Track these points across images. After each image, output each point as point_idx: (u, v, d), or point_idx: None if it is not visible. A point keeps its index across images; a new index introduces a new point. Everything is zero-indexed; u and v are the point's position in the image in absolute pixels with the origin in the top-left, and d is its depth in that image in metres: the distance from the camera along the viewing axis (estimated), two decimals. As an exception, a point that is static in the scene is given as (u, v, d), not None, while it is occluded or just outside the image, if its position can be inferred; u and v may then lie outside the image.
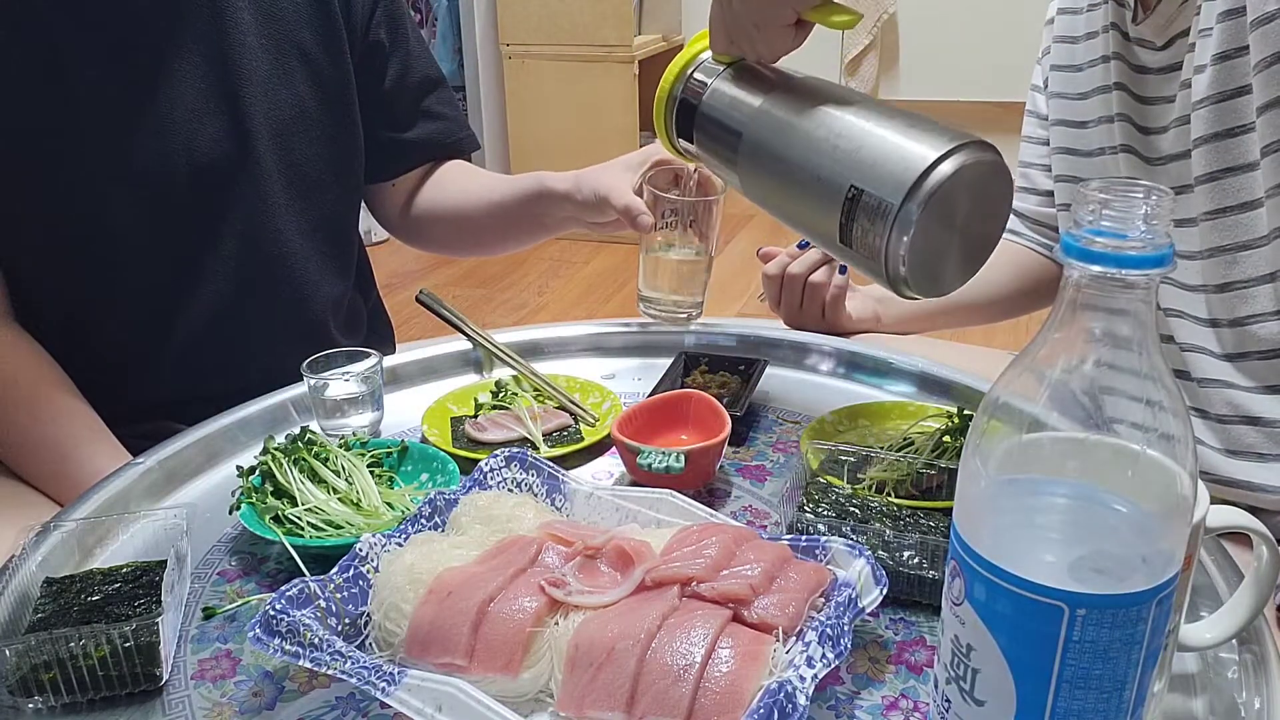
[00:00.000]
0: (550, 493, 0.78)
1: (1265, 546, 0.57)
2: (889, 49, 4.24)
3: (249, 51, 1.04)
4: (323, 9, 1.10)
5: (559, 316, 3.09)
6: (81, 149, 0.97)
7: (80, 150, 0.97)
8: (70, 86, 0.96)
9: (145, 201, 1.01)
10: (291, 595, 0.62)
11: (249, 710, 0.63)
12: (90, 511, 0.81)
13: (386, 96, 1.19)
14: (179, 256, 1.04)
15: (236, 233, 1.06)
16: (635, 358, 1.11)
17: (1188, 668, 0.64)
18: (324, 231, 1.14)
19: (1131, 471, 0.45)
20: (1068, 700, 0.46)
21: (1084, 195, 0.44)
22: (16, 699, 0.63)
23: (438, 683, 0.56)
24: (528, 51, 3.62)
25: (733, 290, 3.30)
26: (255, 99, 1.05)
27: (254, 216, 1.06)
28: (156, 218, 1.02)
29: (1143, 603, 0.45)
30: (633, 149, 1.14)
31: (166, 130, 1.00)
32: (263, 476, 0.80)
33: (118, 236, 1.01)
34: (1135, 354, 0.44)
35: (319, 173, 1.12)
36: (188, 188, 1.02)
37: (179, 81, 1.01)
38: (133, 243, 1.02)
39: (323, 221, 1.14)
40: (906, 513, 0.74)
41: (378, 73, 1.18)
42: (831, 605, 0.62)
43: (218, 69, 1.03)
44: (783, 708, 0.53)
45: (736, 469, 0.89)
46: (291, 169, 1.08)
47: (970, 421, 0.64)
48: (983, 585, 0.47)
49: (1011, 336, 2.90)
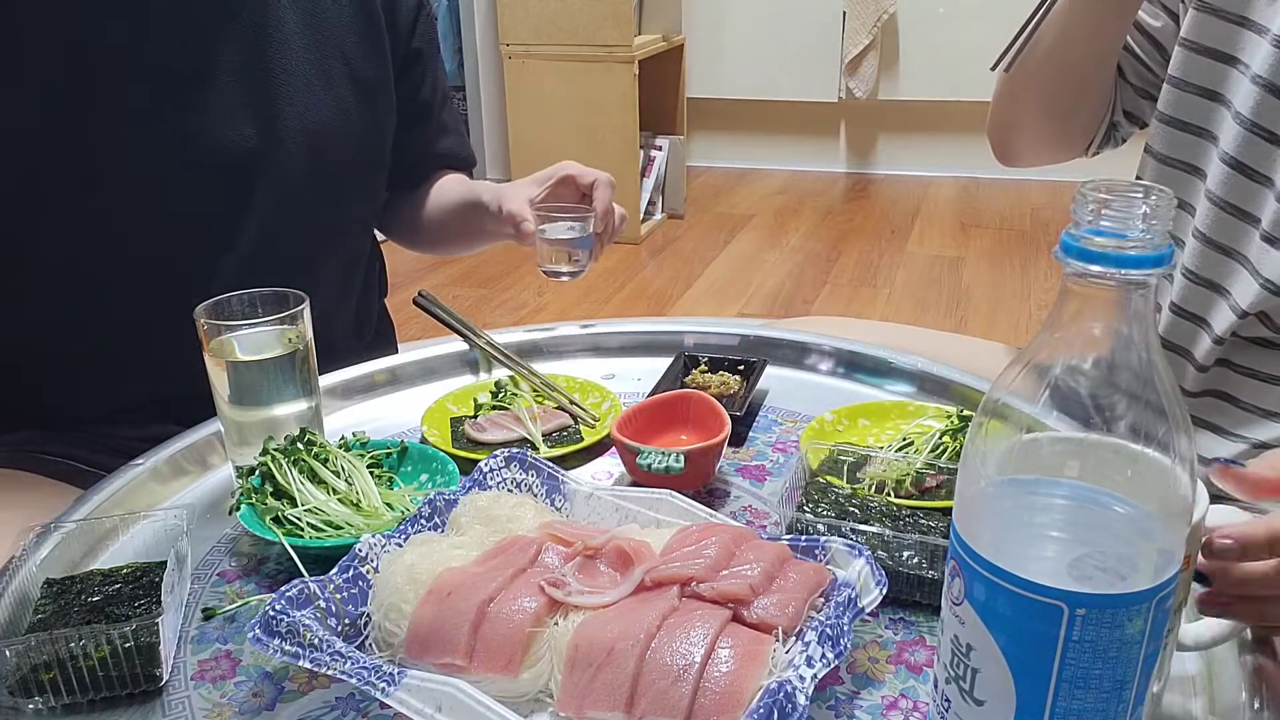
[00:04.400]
0: (550, 493, 0.78)
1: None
2: (889, 49, 4.24)
3: (290, 53, 1.05)
4: (366, 14, 1.11)
5: (559, 316, 3.09)
6: (108, 146, 0.97)
7: (106, 148, 0.97)
8: (103, 85, 0.96)
9: (166, 198, 1.01)
10: (291, 596, 0.62)
11: (249, 710, 0.63)
12: (90, 512, 0.81)
13: (423, 106, 1.22)
14: (193, 255, 1.04)
15: (254, 234, 1.06)
16: (635, 358, 1.11)
17: (1187, 669, 0.64)
18: (342, 235, 1.15)
19: (1131, 471, 0.45)
20: (1067, 700, 0.46)
21: (1084, 195, 0.44)
22: (16, 699, 0.63)
23: (438, 683, 0.56)
24: (528, 51, 3.62)
25: (733, 290, 3.30)
26: (292, 101, 1.05)
27: (274, 218, 1.06)
28: (176, 215, 1.02)
29: (1142, 603, 0.45)
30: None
31: (198, 128, 1.00)
32: (262, 477, 0.80)
33: (134, 234, 1.01)
34: (1135, 354, 0.44)
35: (347, 176, 1.12)
36: (211, 186, 1.02)
37: (216, 80, 1.01)
38: (149, 240, 1.01)
39: (342, 225, 1.15)
40: (906, 513, 0.74)
41: (415, 82, 1.20)
42: (831, 605, 0.62)
43: (256, 70, 1.03)
44: (782, 708, 0.53)
45: (736, 469, 0.89)
46: (321, 172, 1.09)
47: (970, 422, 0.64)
48: (982, 585, 0.47)
49: (1012, 331, 2.91)
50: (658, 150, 3.85)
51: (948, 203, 4.13)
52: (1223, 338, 0.94)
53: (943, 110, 4.28)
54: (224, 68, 1.02)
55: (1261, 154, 0.90)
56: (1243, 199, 0.91)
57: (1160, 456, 0.45)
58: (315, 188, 1.09)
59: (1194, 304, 0.97)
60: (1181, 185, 0.98)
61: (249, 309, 0.86)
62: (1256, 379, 0.94)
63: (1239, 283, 0.93)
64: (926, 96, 4.27)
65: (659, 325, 1.13)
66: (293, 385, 0.86)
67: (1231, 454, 0.95)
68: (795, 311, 3.08)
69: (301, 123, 1.06)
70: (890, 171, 4.55)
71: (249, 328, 0.85)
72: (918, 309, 3.11)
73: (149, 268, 1.03)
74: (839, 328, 1.20)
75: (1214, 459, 0.65)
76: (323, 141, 1.08)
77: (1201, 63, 0.95)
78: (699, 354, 1.04)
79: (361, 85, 1.11)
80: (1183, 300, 0.98)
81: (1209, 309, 0.96)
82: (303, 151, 1.07)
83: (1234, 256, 0.93)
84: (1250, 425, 0.95)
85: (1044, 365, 0.46)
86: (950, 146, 4.38)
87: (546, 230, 1.10)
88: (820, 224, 3.92)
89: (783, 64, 4.36)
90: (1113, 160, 1.11)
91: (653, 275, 3.45)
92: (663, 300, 3.24)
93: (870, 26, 4.11)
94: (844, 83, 4.25)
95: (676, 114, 3.97)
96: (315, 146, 1.08)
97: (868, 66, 4.19)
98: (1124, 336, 0.44)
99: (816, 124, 4.55)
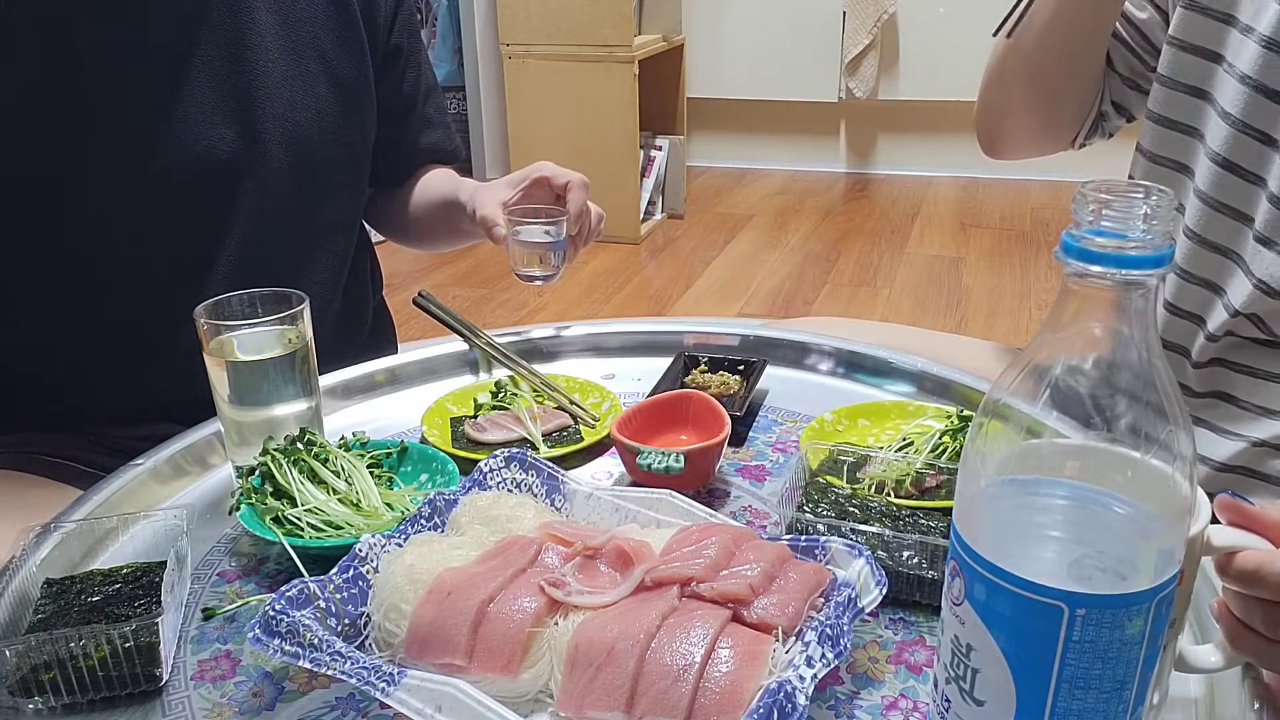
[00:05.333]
0: (550, 493, 0.78)
1: None
2: (889, 49, 4.24)
3: (267, 54, 1.05)
4: (343, 13, 1.10)
5: (559, 316, 3.09)
6: (93, 148, 0.97)
7: (91, 150, 0.97)
8: (86, 87, 0.96)
9: (152, 201, 1.01)
10: (291, 596, 0.62)
11: (249, 710, 0.63)
12: (90, 512, 0.81)
13: (406, 102, 1.22)
14: (182, 256, 1.04)
15: (241, 235, 1.06)
16: (635, 358, 1.11)
17: (1190, 691, 0.63)
18: (329, 234, 1.14)
19: (1130, 471, 0.45)
20: (1067, 700, 0.46)
21: (1084, 195, 0.44)
22: (16, 699, 0.63)
23: (437, 683, 0.56)
24: (528, 51, 3.62)
25: (733, 290, 3.30)
26: (271, 101, 1.05)
27: (260, 219, 1.06)
28: (163, 217, 1.02)
29: (1142, 603, 0.45)
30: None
31: (179, 131, 1.00)
32: (262, 477, 0.80)
33: (123, 235, 1.01)
34: (1135, 354, 0.44)
35: (330, 175, 1.12)
36: (196, 188, 1.02)
37: (194, 82, 1.01)
38: (138, 241, 1.02)
39: (328, 225, 1.15)
40: (906, 513, 0.74)
41: (397, 78, 1.20)
42: (831, 605, 0.62)
43: (234, 71, 1.03)
44: (782, 708, 0.53)
45: (736, 469, 0.89)
46: (303, 172, 1.09)
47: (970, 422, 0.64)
48: (982, 585, 0.47)
49: (1012, 331, 2.91)
50: (658, 150, 3.85)
51: (948, 203, 4.14)
52: (1216, 335, 0.94)
53: (943, 110, 4.28)
54: (200, 70, 1.01)
55: (1253, 154, 0.90)
56: (1234, 198, 0.92)
57: (1160, 456, 0.45)
58: (298, 187, 1.09)
59: (1188, 302, 0.97)
60: (1171, 183, 0.98)
61: (249, 309, 0.86)
62: (1254, 376, 0.94)
63: (1233, 281, 0.93)
64: (926, 96, 4.27)
65: (659, 325, 1.13)
66: (293, 385, 0.86)
67: (1230, 453, 0.95)
68: (795, 311, 3.09)
69: (281, 124, 1.06)
70: (890, 171, 4.55)
71: (249, 328, 0.85)
72: (918, 309, 3.11)
73: (139, 269, 1.03)
74: (839, 328, 1.20)
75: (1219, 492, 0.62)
76: (304, 141, 1.08)
77: (1189, 60, 0.95)
78: (699, 354, 1.04)
79: (340, 84, 1.11)
80: (1176, 299, 0.98)
81: (1204, 307, 0.96)
82: (284, 152, 1.06)
83: (1228, 255, 0.93)
84: (1249, 423, 0.95)
85: (1044, 365, 0.46)
86: (950, 146, 4.38)
87: (520, 233, 1.10)
88: (820, 224, 3.92)
89: (783, 64, 4.36)
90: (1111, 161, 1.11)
91: (653, 275, 3.45)
92: (663, 300, 3.24)
93: (870, 26, 4.11)
94: (844, 83, 4.25)
95: (676, 114, 3.97)
96: (297, 147, 1.07)
97: (868, 66, 4.19)
98: (1124, 337, 0.44)
99: (816, 124, 4.55)
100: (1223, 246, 0.93)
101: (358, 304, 1.25)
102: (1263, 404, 0.94)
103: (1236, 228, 0.92)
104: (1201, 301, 0.96)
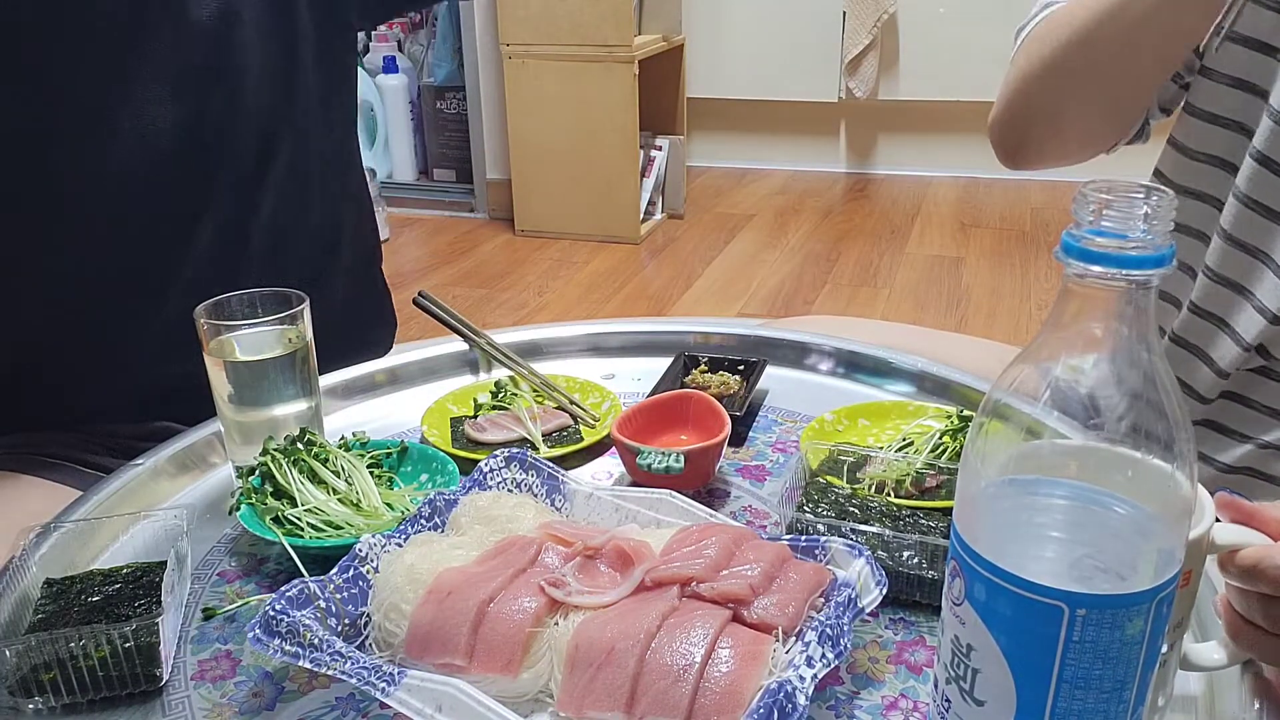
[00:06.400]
0: (550, 493, 0.78)
1: None
2: (889, 49, 4.24)
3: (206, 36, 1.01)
4: None
5: (559, 316, 3.09)
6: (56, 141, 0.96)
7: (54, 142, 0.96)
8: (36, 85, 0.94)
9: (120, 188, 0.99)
10: (291, 596, 0.62)
11: (249, 710, 0.63)
12: (90, 512, 0.81)
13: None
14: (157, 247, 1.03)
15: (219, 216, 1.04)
16: (635, 358, 1.11)
17: (1191, 689, 0.63)
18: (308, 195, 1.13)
19: (1131, 471, 0.45)
20: (1068, 700, 0.46)
21: (1085, 195, 0.44)
22: (16, 699, 0.63)
23: (437, 683, 0.56)
24: (528, 51, 3.62)
25: (733, 290, 3.30)
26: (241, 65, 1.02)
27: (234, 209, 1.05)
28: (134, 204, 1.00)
29: (1143, 603, 0.45)
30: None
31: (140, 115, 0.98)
32: (262, 477, 0.80)
33: (110, 232, 0.99)
34: (1136, 354, 0.44)
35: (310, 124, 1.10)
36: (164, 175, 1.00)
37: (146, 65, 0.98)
38: (123, 239, 1.00)
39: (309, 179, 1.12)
40: (906, 513, 0.74)
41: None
42: (831, 605, 0.62)
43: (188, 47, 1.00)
44: (783, 708, 0.53)
45: (736, 469, 0.89)
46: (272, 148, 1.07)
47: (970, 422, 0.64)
48: (983, 585, 0.47)
49: (1012, 331, 2.91)
50: (658, 150, 3.85)
51: (948, 203, 4.13)
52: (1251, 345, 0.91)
53: (943, 110, 4.28)
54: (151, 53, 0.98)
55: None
56: (1272, 198, 0.89)
57: (1161, 456, 0.45)
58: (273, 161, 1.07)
59: (1214, 303, 0.94)
60: (1207, 179, 0.96)
61: (249, 309, 0.86)
62: (1270, 379, 0.92)
63: (1263, 284, 0.90)
64: (926, 96, 4.27)
65: (659, 325, 1.13)
66: (293, 385, 0.86)
67: (1237, 455, 0.94)
68: (795, 311, 3.08)
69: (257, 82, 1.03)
70: (890, 171, 4.55)
71: (249, 328, 0.85)
72: (918, 309, 3.11)
73: (129, 269, 1.02)
74: (839, 328, 1.19)
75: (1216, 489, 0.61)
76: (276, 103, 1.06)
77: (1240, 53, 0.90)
78: (699, 354, 1.04)
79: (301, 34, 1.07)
80: (1202, 299, 0.95)
81: (1230, 310, 0.93)
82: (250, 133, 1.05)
83: (1259, 257, 0.91)
84: (1259, 427, 0.94)
85: (1044, 365, 0.46)
86: (950, 146, 4.38)
87: None
88: (820, 224, 3.92)
89: (783, 64, 4.36)
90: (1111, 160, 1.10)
91: (653, 275, 3.45)
92: (663, 300, 3.24)
93: (870, 26, 4.11)
94: (844, 83, 4.25)
95: (676, 114, 3.97)
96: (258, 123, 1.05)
97: (868, 66, 4.19)
98: (1125, 337, 0.44)
99: (816, 124, 4.55)
100: (1254, 247, 0.90)
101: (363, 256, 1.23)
102: (1274, 405, 0.93)
103: (1272, 228, 0.89)
104: (1229, 304, 0.93)
